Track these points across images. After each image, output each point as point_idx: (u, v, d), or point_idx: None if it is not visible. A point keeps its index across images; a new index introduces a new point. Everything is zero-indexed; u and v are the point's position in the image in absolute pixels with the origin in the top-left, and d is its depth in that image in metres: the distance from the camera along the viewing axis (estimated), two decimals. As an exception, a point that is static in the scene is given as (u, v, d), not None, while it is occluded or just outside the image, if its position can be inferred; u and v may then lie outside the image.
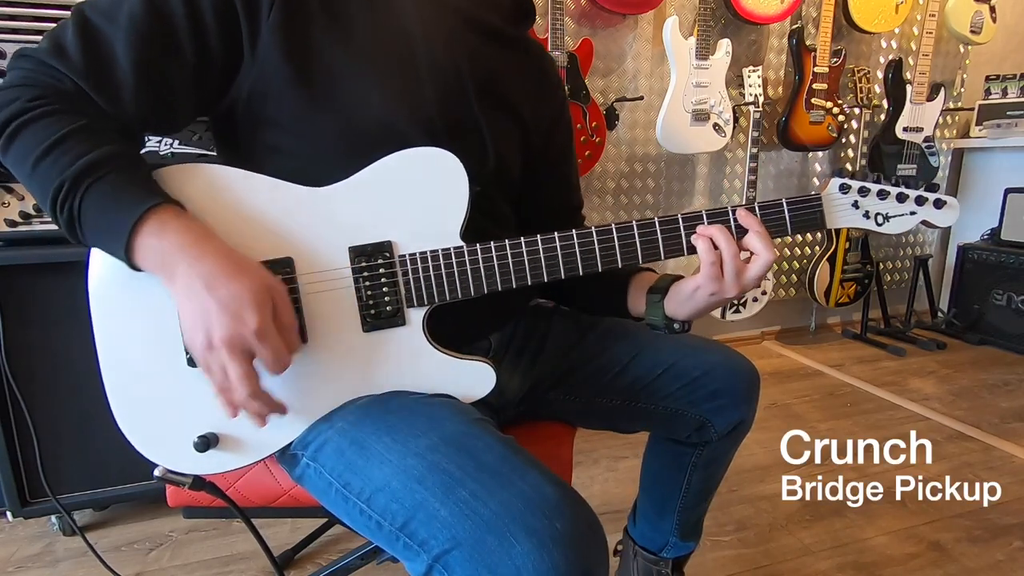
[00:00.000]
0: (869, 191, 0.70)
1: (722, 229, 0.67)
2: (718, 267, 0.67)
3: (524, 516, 0.50)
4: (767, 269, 0.68)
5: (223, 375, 0.55)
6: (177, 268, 0.55)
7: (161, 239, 0.55)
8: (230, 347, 0.54)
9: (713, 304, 0.71)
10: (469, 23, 0.73)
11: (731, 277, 0.67)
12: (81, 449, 1.28)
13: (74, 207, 0.55)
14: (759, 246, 0.67)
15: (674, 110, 2.08)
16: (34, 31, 1.15)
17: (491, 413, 0.74)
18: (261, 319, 0.54)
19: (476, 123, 0.72)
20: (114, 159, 0.56)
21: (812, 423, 1.88)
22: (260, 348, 0.55)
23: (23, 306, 1.20)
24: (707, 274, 0.67)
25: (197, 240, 0.56)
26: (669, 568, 0.99)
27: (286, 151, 0.66)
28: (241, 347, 0.54)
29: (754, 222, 0.68)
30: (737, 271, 0.67)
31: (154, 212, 0.55)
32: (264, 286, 0.56)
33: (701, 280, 0.68)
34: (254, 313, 0.54)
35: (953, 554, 1.27)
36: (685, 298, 0.72)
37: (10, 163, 0.57)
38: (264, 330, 0.54)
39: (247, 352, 0.55)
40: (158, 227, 0.55)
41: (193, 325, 0.55)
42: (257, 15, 0.62)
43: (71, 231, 0.56)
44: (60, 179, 0.54)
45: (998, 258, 2.47)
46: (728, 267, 0.67)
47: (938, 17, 2.37)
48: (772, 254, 0.67)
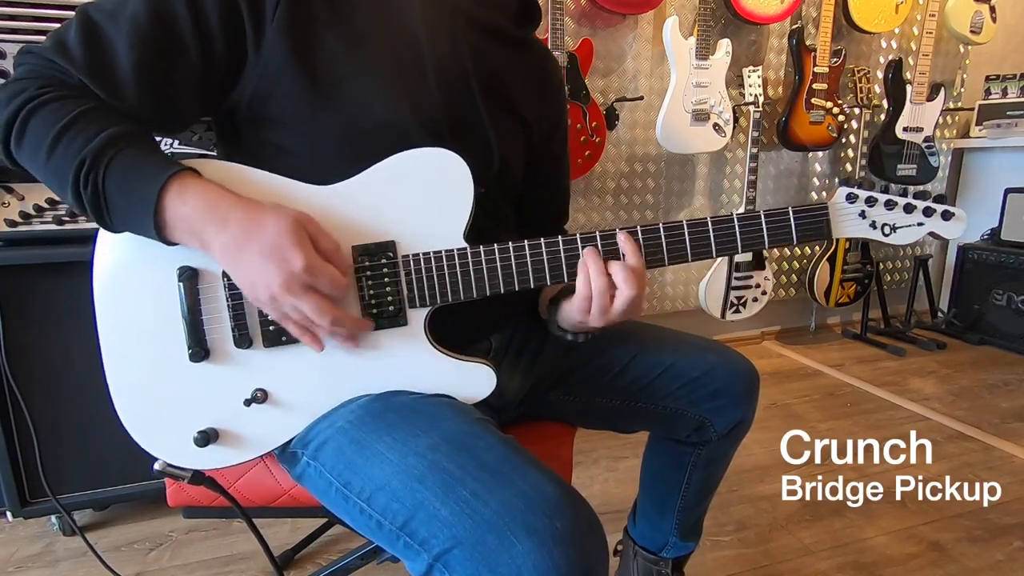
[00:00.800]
0: (876, 201, 0.68)
1: (597, 262, 0.65)
2: (588, 303, 0.67)
3: (525, 515, 0.50)
4: (630, 305, 0.65)
5: (300, 316, 0.57)
6: (207, 234, 0.56)
7: (184, 204, 0.56)
8: (290, 291, 0.56)
9: (583, 328, 0.73)
10: (474, 23, 0.73)
11: (596, 313, 0.66)
12: (81, 449, 1.28)
13: (99, 181, 0.55)
14: (620, 279, 0.65)
15: (674, 110, 2.08)
16: (34, 31, 1.15)
17: (491, 413, 0.74)
18: (305, 254, 0.56)
19: (481, 123, 0.72)
20: (129, 135, 0.57)
21: (812, 423, 1.88)
22: (316, 280, 0.57)
23: (23, 306, 1.20)
24: (576, 306, 0.68)
25: (216, 199, 0.57)
26: (669, 568, 0.99)
27: (290, 151, 0.66)
28: (300, 284, 0.56)
29: (631, 252, 0.66)
30: (603, 308, 0.66)
31: (175, 179, 0.56)
32: (293, 223, 0.57)
33: (571, 309, 0.69)
34: (296, 251, 0.56)
35: (953, 554, 1.27)
36: (564, 316, 0.74)
37: (25, 152, 0.58)
38: (312, 263, 0.56)
39: (307, 287, 0.57)
40: (180, 193, 0.56)
41: (249, 285, 0.57)
42: (262, 15, 0.62)
43: (96, 209, 0.57)
44: (81, 155, 0.55)
45: (998, 258, 2.47)
46: (595, 304, 0.66)
47: (938, 17, 2.37)
48: (633, 290, 0.64)
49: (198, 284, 0.63)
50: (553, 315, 0.76)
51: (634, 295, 0.65)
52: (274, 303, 0.57)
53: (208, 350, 0.64)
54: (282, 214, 0.57)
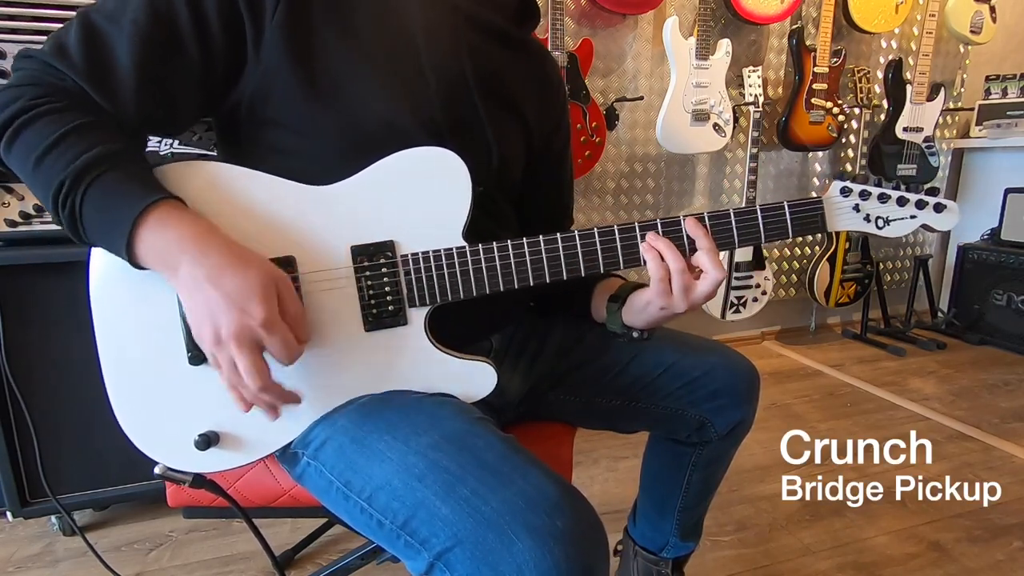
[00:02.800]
0: (870, 194, 0.70)
1: (669, 244, 0.67)
2: (667, 283, 0.67)
3: (525, 514, 0.50)
4: (715, 287, 0.67)
5: (232, 369, 0.55)
6: (180, 263, 0.54)
7: (163, 234, 0.55)
8: (238, 340, 0.54)
9: (664, 317, 0.71)
10: (472, 23, 0.73)
11: (679, 293, 0.67)
12: (81, 449, 1.28)
13: (76, 204, 0.54)
14: (707, 263, 0.66)
15: (674, 110, 2.08)
16: (34, 31, 1.15)
17: (492, 413, 0.74)
18: (267, 310, 0.54)
19: (480, 123, 0.72)
20: (115, 156, 0.56)
21: (812, 423, 1.88)
22: (268, 339, 0.55)
23: (23, 306, 1.20)
24: (656, 289, 0.67)
25: (199, 234, 0.56)
26: (669, 568, 0.99)
27: (289, 151, 0.66)
28: (249, 339, 0.54)
29: (702, 235, 0.67)
30: (685, 287, 0.66)
31: (155, 208, 0.55)
32: (269, 278, 0.56)
33: (650, 295, 0.69)
34: (260, 305, 0.54)
35: (953, 554, 1.27)
36: (639, 309, 0.72)
37: (13, 162, 0.57)
38: (271, 321, 0.54)
39: (255, 344, 0.55)
40: (159, 223, 0.55)
41: (200, 320, 0.55)
42: (261, 15, 0.62)
43: (73, 229, 0.56)
44: (62, 176, 0.54)
45: (998, 258, 2.47)
46: (676, 283, 0.66)
47: (938, 17, 2.37)
48: (721, 273, 0.66)
49: (198, 284, 0.62)
50: (615, 312, 0.75)
51: (722, 276, 0.66)
52: (216, 346, 0.54)
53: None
54: (262, 267, 0.56)
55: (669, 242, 0.67)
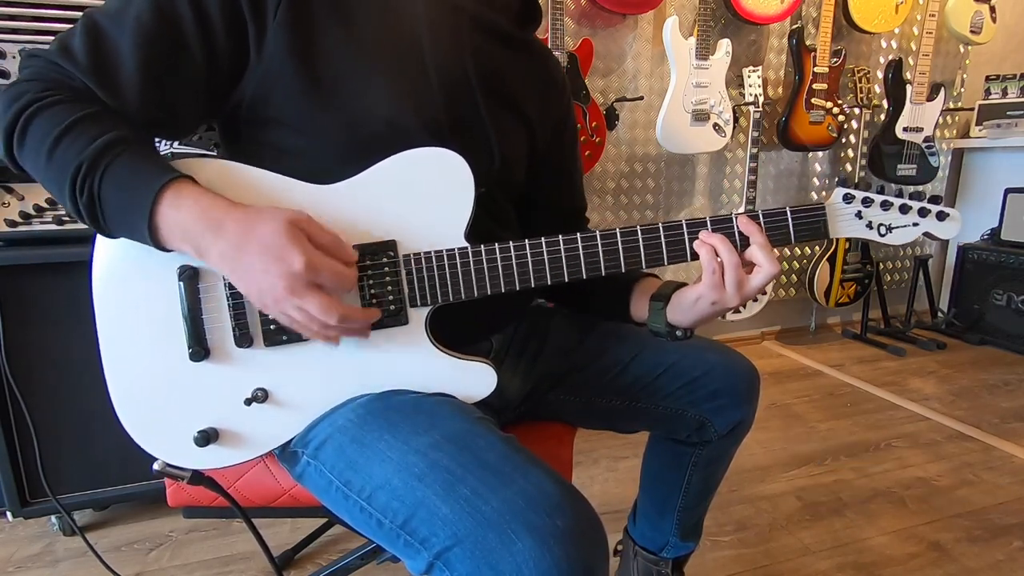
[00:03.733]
0: (872, 202, 0.70)
1: (723, 239, 0.67)
2: (719, 276, 0.67)
3: (525, 513, 0.50)
4: (770, 281, 0.68)
5: (306, 317, 0.56)
6: (203, 241, 0.56)
7: (179, 210, 0.55)
8: (293, 292, 0.55)
9: (715, 313, 0.71)
10: (475, 23, 0.73)
11: (732, 287, 0.67)
12: (81, 449, 1.28)
13: (95, 187, 0.55)
14: (762, 258, 0.67)
15: (674, 110, 2.08)
16: (34, 31, 1.15)
17: (492, 414, 0.74)
18: (303, 252, 0.55)
19: (482, 123, 0.72)
20: (128, 140, 0.57)
21: (812, 423, 1.88)
22: (319, 276, 0.56)
23: (23, 306, 1.20)
24: (708, 283, 0.68)
25: (210, 206, 0.56)
26: (669, 568, 0.99)
27: (291, 151, 0.66)
28: (302, 284, 0.55)
29: (756, 231, 0.68)
30: (739, 281, 0.67)
31: (170, 185, 0.56)
32: (287, 222, 0.56)
33: (703, 289, 0.69)
34: (293, 250, 0.54)
35: (953, 554, 1.27)
36: (687, 306, 0.72)
37: (26, 154, 0.58)
38: (312, 261, 0.55)
39: (310, 286, 0.56)
40: (175, 199, 0.56)
41: (252, 290, 0.56)
42: (264, 15, 0.62)
43: (91, 214, 0.57)
44: (78, 160, 0.54)
45: (998, 258, 2.47)
46: (730, 277, 0.67)
47: (938, 17, 2.37)
48: (776, 267, 0.67)
49: (198, 283, 0.62)
50: (660, 311, 0.75)
51: (776, 271, 0.67)
52: (280, 306, 0.56)
53: (208, 349, 0.64)
54: (277, 215, 0.56)
55: (723, 237, 0.67)
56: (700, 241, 0.68)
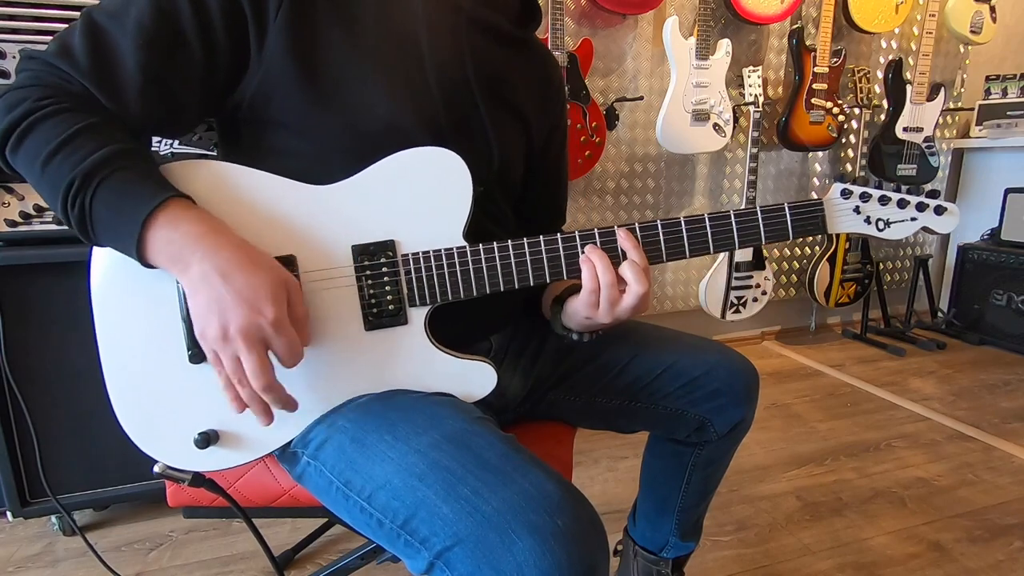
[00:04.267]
0: (870, 196, 0.70)
1: (603, 257, 0.66)
2: (596, 296, 0.67)
3: (526, 513, 0.50)
4: (640, 301, 0.66)
5: (236, 366, 0.55)
6: (191, 259, 0.55)
7: (174, 230, 0.55)
8: (246, 337, 0.54)
9: (590, 326, 0.71)
10: (475, 24, 0.73)
11: (605, 307, 0.67)
12: (81, 449, 1.28)
13: (85, 204, 0.55)
14: (631, 276, 0.66)
15: (674, 110, 2.09)
16: (34, 31, 1.15)
17: (492, 413, 0.74)
18: (278, 310, 0.55)
19: (481, 123, 0.72)
20: (124, 155, 0.56)
21: (812, 423, 1.88)
22: (276, 339, 0.55)
23: (23, 306, 1.20)
24: (584, 300, 0.67)
25: (211, 231, 0.56)
26: (669, 568, 0.99)
27: (291, 151, 0.66)
28: (258, 337, 0.54)
29: (632, 248, 0.67)
30: (611, 302, 0.66)
31: (166, 206, 0.55)
32: (280, 279, 0.56)
33: (577, 304, 0.69)
34: (271, 304, 0.54)
35: (953, 554, 1.27)
36: (570, 314, 0.73)
37: (21, 163, 0.57)
38: (280, 321, 0.55)
39: (263, 342, 0.55)
40: (170, 220, 0.55)
41: (207, 315, 0.54)
42: (264, 16, 0.62)
43: (82, 229, 0.56)
44: (71, 176, 0.54)
45: (998, 258, 2.47)
46: (603, 296, 0.66)
47: (938, 17, 2.37)
48: (643, 287, 0.65)
49: (198, 284, 0.62)
50: (557, 314, 0.75)
51: (644, 291, 0.65)
52: (222, 342, 0.54)
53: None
54: (273, 268, 0.57)
55: (603, 255, 0.66)
56: (584, 257, 0.67)
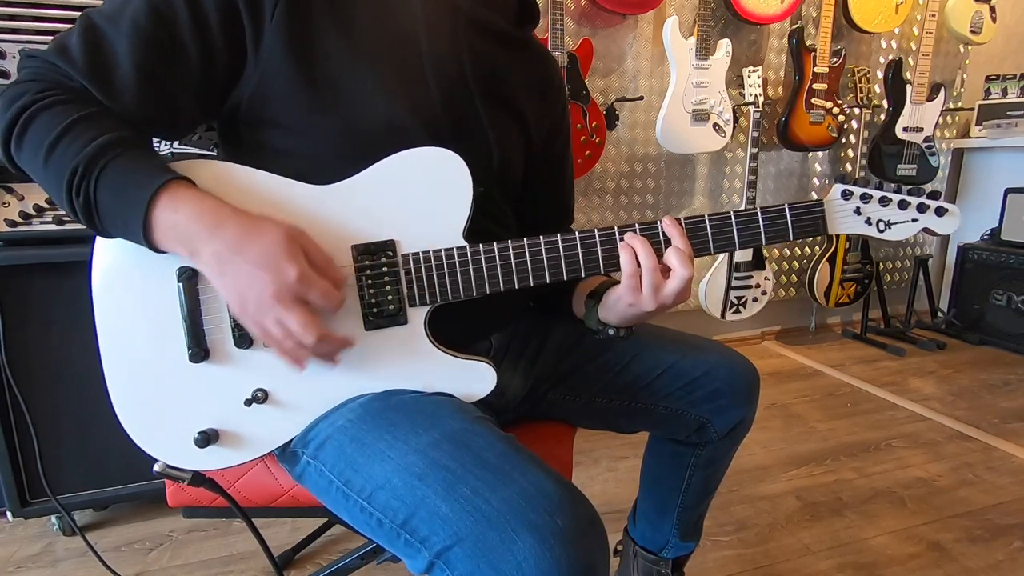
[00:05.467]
0: (871, 197, 0.70)
1: (644, 242, 0.66)
2: (637, 280, 0.67)
3: (526, 512, 0.50)
4: (685, 285, 0.66)
5: (283, 331, 0.56)
6: (198, 241, 0.55)
7: (176, 212, 0.55)
8: (280, 300, 0.54)
9: (633, 315, 0.70)
10: (473, 23, 0.73)
11: (648, 291, 0.66)
12: (81, 449, 1.28)
13: (90, 189, 0.55)
14: (675, 261, 0.66)
15: (674, 110, 2.09)
16: (34, 31, 1.15)
17: (492, 413, 0.74)
18: (299, 265, 0.55)
19: (480, 123, 0.72)
20: (124, 141, 0.57)
21: (812, 423, 1.88)
22: (310, 292, 0.56)
23: (23, 306, 1.20)
24: (625, 285, 0.67)
25: (210, 208, 0.56)
26: (669, 568, 0.99)
27: (289, 152, 0.66)
28: (291, 295, 0.55)
29: (677, 235, 0.67)
30: (655, 286, 0.66)
31: (166, 188, 0.56)
32: (288, 235, 0.56)
33: (621, 291, 0.68)
34: (290, 262, 0.55)
35: (953, 554, 1.27)
36: (611, 306, 0.72)
37: (24, 155, 0.58)
38: (306, 275, 0.55)
39: (298, 299, 0.55)
40: (171, 201, 0.55)
41: (237, 294, 0.55)
42: (260, 17, 0.62)
43: (87, 216, 0.57)
44: (75, 163, 0.54)
45: (998, 258, 2.47)
46: (645, 280, 0.66)
47: (938, 17, 2.37)
48: (689, 271, 0.65)
49: (198, 284, 0.62)
50: (592, 309, 0.75)
51: (689, 275, 0.66)
52: (261, 314, 0.55)
53: (208, 351, 0.64)
54: (277, 225, 0.57)
55: (645, 240, 0.67)
56: (624, 244, 0.67)
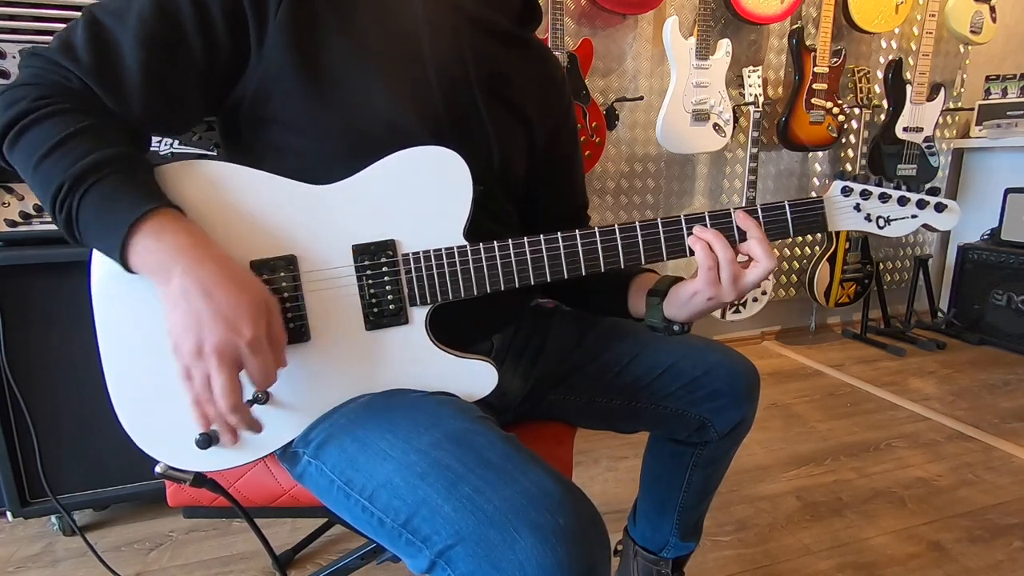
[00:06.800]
0: (871, 194, 0.70)
1: (718, 234, 0.67)
2: (715, 272, 0.67)
3: (527, 511, 0.50)
4: (766, 275, 0.68)
5: (205, 385, 0.54)
6: (173, 271, 0.54)
7: (159, 241, 0.54)
8: (220, 356, 0.53)
9: (711, 307, 0.71)
10: (475, 23, 0.73)
11: (728, 282, 0.68)
12: (81, 449, 1.28)
13: (72, 208, 0.54)
14: (759, 252, 0.67)
15: (674, 110, 2.09)
16: (34, 31, 1.15)
17: (492, 413, 0.74)
18: (256, 330, 0.54)
19: (481, 122, 0.72)
20: (116, 161, 0.56)
21: (812, 423, 1.88)
22: (251, 360, 0.54)
23: (23, 306, 1.20)
24: (704, 279, 0.68)
25: (196, 244, 0.55)
26: (669, 568, 0.99)
27: (291, 149, 0.66)
28: (232, 357, 0.53)
29: (754, 226, 0.68)
30: (734, 276, 0.67)
31: (152, 215, 0.54)
32: (262, 300, 0.56)
33: (699, 284, 0.69)
34: (250, 324, 0.54)
35: (953, 554, 1.27)
36: (684, 301, 0.72)
37: (16, 161, 0.57)
38: (258, 342, 0.54)
39: (236, 362, 0.54)
40: (156, 230, 0.54)
41: (184, 330, 0.53)
42: (265, 14, 0.62)
43: (69, 231, 0.56)
44: (61, 179, 0.54)
45: (998, 258, 2.47)
46: (725, 272, 0.67)
47: (938, 17, 2.37)
48: (773, 261, 0.68)
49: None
50: (657, 306, 0.75)
51: (773, 266, 0.67)
52: (195, 358, 0.53)
53: (209, 349, 0.63)
54: (256, 287, 0.56)
55: (718, 232, 0.68)
56: (695, 237, 0.68)
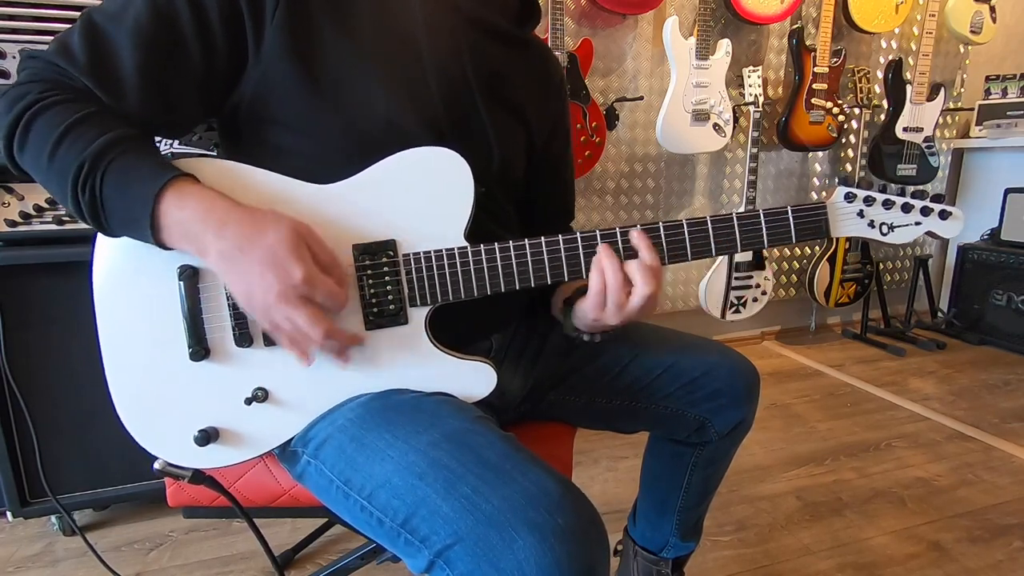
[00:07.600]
0: (874, 200, 0.69)
1: (612, 260, 0.64)
2: (602, 297, 0.66)
3: (526, 511, 0.50)
4: (647, 302, 0.65)
5: (292, 326, 0.56)
6: (205, 239, 0.56)
7: (182, 209, 0.56)
8: (286, 300, 0.55)
9: (598, 327, 0.71)
10: (474, 23, 0.73)
11: (612, 309, 0.66)
12: (81, 449, 1.28)
13: (96, 186, 0.55)
14: (638, 278, 0.64)
15: (674, 110, 2.09)
16: (34, 31, 1.15)
17: (492, 414, 0.74)
18: (304, 266, 0.56)
19: (481, 123, 0.72)
20: (129, 139, 0.57)
21: (812, 423, 1.88)
22: (314, 292, 0.56)
23: (23, 306, 1.20)
24: (591, 302, 0.67)
25: (216, 205, 0.57)
26: (669, 568, 0.99)
27: (291, 151, 0.66)
28: (297, 296, 0.56)
29: (645, 247, 0.65)
30: (619, 304, 0.65)
31: (172, 184, 0.56)
32: (293, 232, 0.57)
33: (586, 305, 0.68)
34: (296, 263, 0.55)
35: (953, 554, 1.27)
36: (580, 316, 0.72)
37: (28, 156, 0.58)
38: (311, 275, 0.56)
39: (304, 299, 0.56)
40: (177, 198, 0.56)
41: (245, 293, 0.56)
42: (262, 16, 0.62)
43: (93, 214, 0.57)
44: (80, 160, 0.55)
45: (998, 258, 2.47)
46: (610, 299, 0.65)
47: (938, 17, 2.37)
48: (650, 288, 0.64)
49: (199, 283, 0.63)
50: (568, 315, 0.75)
51: (651, 292, 0.64)
52: (268, 312, 0.56)
53: (209, 349, 0.64)
54: (282, 223, 0.57)
55: (615, 258, 0.65)
56: (596, 259, 0.66)
